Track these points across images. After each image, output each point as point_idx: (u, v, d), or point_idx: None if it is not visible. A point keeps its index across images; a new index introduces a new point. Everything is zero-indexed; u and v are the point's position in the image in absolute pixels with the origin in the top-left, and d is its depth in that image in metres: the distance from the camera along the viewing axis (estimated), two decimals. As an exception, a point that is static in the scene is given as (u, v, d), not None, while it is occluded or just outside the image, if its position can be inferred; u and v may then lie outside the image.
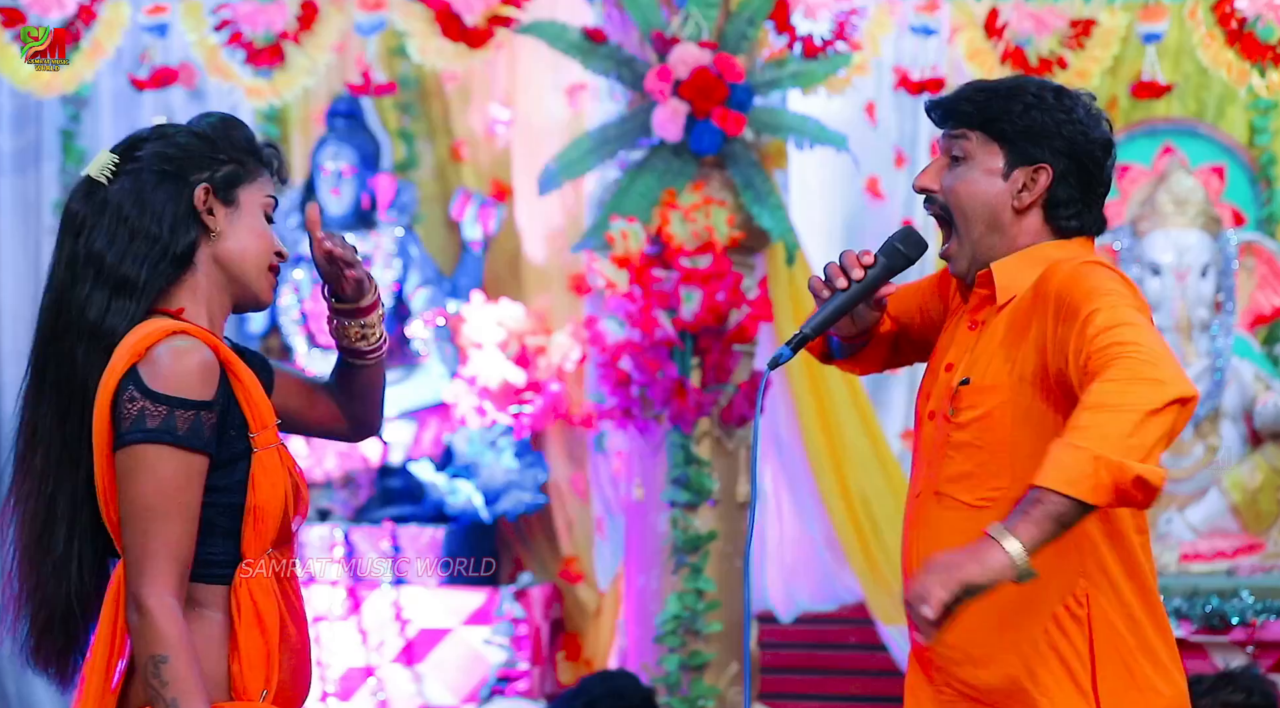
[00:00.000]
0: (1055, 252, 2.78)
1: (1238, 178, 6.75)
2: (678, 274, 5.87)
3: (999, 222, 2.80)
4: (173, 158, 2.64)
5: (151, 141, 2.66)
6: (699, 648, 5.91)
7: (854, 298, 2.84)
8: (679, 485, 5.95)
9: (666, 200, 5.92)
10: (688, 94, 5.88)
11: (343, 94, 6.93)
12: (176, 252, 2.62)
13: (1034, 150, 2.79)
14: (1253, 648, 5.83)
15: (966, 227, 2.82)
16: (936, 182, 2.84)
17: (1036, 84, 2.84)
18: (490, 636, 6.42)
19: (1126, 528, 2.74)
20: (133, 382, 2.53)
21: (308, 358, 6.83)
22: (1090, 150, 2.80)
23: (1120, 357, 2.49)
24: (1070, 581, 2.70)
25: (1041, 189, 2.79)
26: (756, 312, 5.93)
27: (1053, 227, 2.81)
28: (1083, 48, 6.19)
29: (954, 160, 2.83)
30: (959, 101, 2.84)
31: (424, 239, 7.00)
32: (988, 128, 2.81)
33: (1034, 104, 2.79)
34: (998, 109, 2.80)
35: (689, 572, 5.95)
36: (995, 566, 2.44)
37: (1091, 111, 2.83)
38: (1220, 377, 6.44)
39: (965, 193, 2.81)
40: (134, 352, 2.54)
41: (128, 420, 2.52)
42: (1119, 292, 2.62)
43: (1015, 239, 2.80)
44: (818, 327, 2.83)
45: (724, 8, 6.04)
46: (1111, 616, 2.71)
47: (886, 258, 2.85)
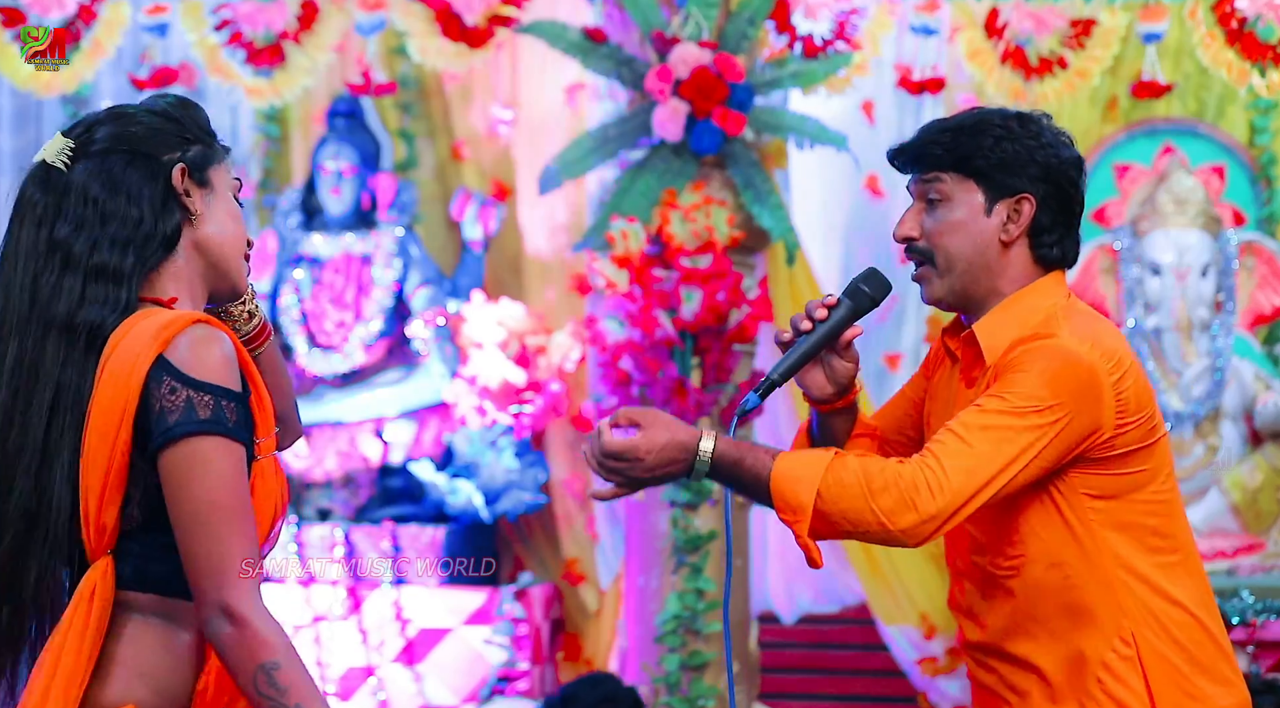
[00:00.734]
0: (1032, 299, 2.77)
1: (1238, 178, 6.75)
2: (678, 274, 5.87)
3: (984, 259, 2.78)
4: (141, 137, 2.44)
5: (109, 123, 2.45)
6: (699, 648, 5.91)
7: (820, 340, 2.81)
8: (679, 485, 5.95)
9: (667, 200, 5.92)
10: (688, 94, 5.88)
11: (343, 94, 6.93)
12: (165, 233, 2.42)
13: (1012, 181, 2.77)
14: (1253, 648, 5.83)
15: (949, 265, 2.80)
16: (917, 228, 2.81)
17: (999, 115, 2.81)
18: (490, 635, 6.42)
19: (1142, 563, 2.73)
20: (166, 371, 2.31)
21: (308, 357, 6.83)
22: (1065, 172, 2.79)
23: (917, 472, 2.60)
24: (1114, 624, 2.71)
25: (1027, 219, 2.77)
26: (757, 311, 5.93)
27: (1035, 256, 2.79)
28: (1083, 47, 6.19)
29: (931, 204, 2.80)
30: (927, 145, 2.81)
31: (424, 239, 7.00)
32: (961, 167, 2.78)
33: (1003, 136, 2.77)
34: (969, 146, 2.77)
35: (689, 572, 5.95)
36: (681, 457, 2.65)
37: (1055, 133, 2.82)
38: (1220, 376, 6.44)
39: (949, 235, 2.79)
40: (160, 339, 2.33)
41: (173, 412, 2.30)
42: (1027, 394, 2.64)
43: (1001, 272, 2.79)
44: (785, 372, 2.80)
45: (724, 7, 6.04)
46: (1160, 647, 2.71)
47: (851, 299, 2.82)
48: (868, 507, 2.59)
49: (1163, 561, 2.74)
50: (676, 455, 2.65)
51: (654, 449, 2.65)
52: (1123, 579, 2.71)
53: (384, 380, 6.89)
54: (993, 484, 2.61)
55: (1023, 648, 2.75)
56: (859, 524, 2.60)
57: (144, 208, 2.41)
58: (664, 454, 2.65)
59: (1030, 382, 2.65)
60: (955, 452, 2.61)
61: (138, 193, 2.42)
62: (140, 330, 2.35)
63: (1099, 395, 2.66)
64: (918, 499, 2.58)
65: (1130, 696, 2.71)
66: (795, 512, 2.60)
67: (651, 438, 2.65)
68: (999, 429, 2.62)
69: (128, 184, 2.42)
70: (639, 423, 2.66)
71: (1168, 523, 2.76)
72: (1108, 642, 2.71)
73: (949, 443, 2.62)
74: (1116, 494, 2.71)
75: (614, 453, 2.65)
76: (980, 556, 2.79)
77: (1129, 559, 2.72)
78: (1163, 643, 2.72)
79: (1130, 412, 2.69)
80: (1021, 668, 2.76)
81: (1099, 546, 2.70)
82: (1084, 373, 2.66)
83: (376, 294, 6.86)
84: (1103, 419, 2.66)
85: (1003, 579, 2.75)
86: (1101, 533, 2.70)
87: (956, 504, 2.59)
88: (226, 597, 2.29)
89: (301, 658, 2.33)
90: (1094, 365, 2.67)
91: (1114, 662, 2.71)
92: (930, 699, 6.58)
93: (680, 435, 2.65)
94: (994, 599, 2.78)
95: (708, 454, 2.64)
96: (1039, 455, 2.64)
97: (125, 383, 2.32)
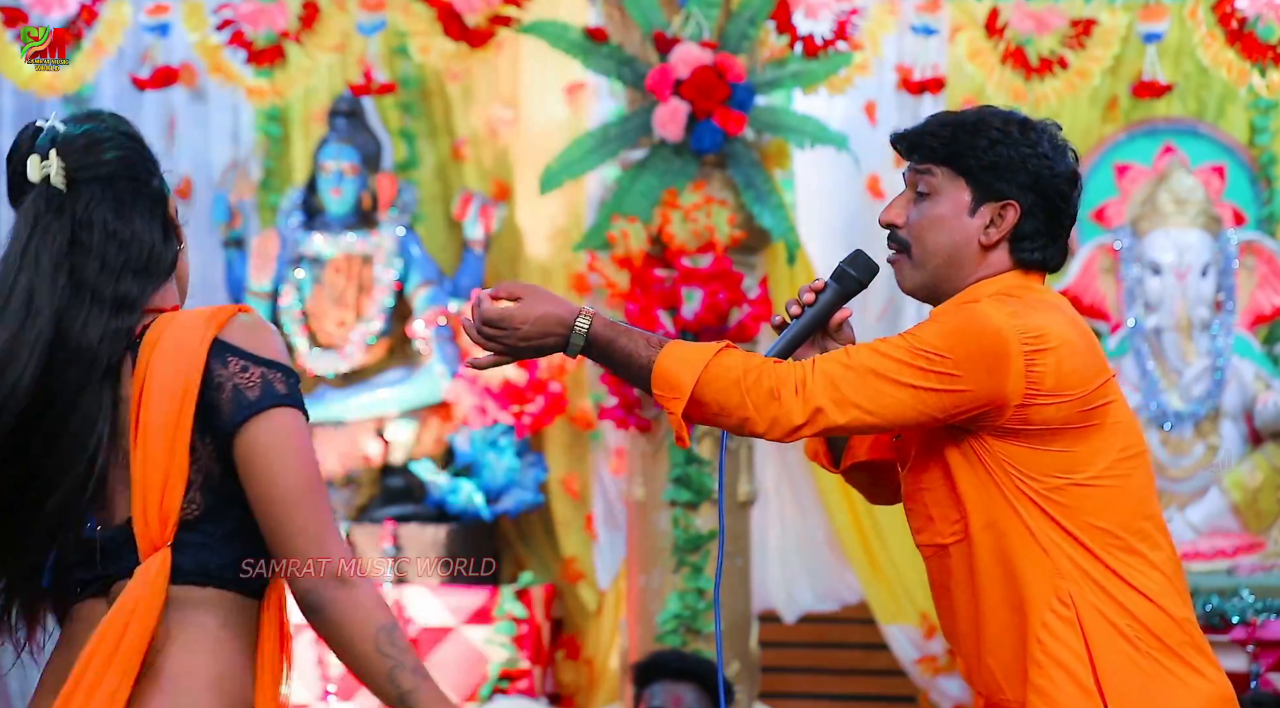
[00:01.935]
0: (988, 289, 2.79)
1: (1238, 177, 6.75)
2: (678, 274, 5.87)
3: (960, 257, 2.81)
4: (136, 163, 2.41)
5: (111, 142, 2.40)
6: (700, 647, 5.91)
7: (810, 324, 2.86)
8: (680, 485, 5.96)
9: (667, 200, 5.92)
10: (689, 94, 5.89)
11: (344, 94, 6.93)
12: (170, 260, 2.40)
13: (1000, 186, 2.78)
14: (1253, 648, 5.83)
15: (925, 258, 2.82)
16: (903, 216, 2.84)
17: (1002, 118, 2.83)
18: (491, 635, 6.43)
19: (1100, 543, 2.73)
20: (230, 352, 2.28)
21: (309, 357, 6.83)
22: (1056, 185, 2.80)
23: (795, 371, 2.68)
24: (1050, 584, 2.72)
25: (1009, 226, 2.79)
26: (757, 311, 5.93)
27: (1015, 260, 2.81)
28: (1083, 48, 6.19)
29: (920, 195, 2.83)
30: (925, 135, 2.83)
31: (425, 239, 7.00)
32: (953, 163, 2.80)
33: (999, 139, 2.79)
34: (964, 144, 2.80)
35: (690, 571, 5.95)
36: (557, 331, 2.72)
37: (1057, 144, 2.82)
38: (1220, 376, 6.44)
39: (930, 230, 2.81)
40: (214, 323, 2.30)
41: (251, 388, 2.27)
42: (922, 340, 2.68)
43: (975, 271, 2.81)
44: (778, 355, 2.83)
45: (725, 7, 6.04)
46: (1106, 611, 2.71)
47: (838, 282, 2.87)
48: (740, 396, 2.67)
49: (1117, 556, 2.73)
50: (553, 328, 2.73)
51: (530, 319, 2.73)
52: (1057, 543, 2.72)
53: (385, 380, 6.89)
54: (854, 408, 2.67)
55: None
56: (728, 409, 2.68)
57: (155, 237, 2.39)
58: (540, 325, 2.73)
59: (932, 332, 2.70)
60: (833, 365, 2.69)
61: (148, 222, 2.39)
62: (184, 321, 2.32)
63: (1002, 364, 2.68)
64: (783, 391, 2.66)
65: (1070, 655, 2.70)
66: (674, 390, 2.68)
67: (528, 309, 2.73)
68: (884, 360, 2.68)
69: (137, 212, 2.38)
70: (519, 296, 2.74)
71: (1115, 511, 2.74)
72: (1046, 602, 2.71)
73: (835, 357, 2.71)
74: (1044, 472, 2.72)
75: (490, 320, 2.73)
76: (928, 533, 2.83)
77: (1071, 552, 2.72)
78: (1109, 610, 2.71)
79: (1045, 388, 2.69)
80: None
81: (1030, 511, 2.72)
82: (989, 338, 2.69)
83: (377, 294, 6.86)
84: (1006, 389, 2.68)
85: (949, 548, 2.79)
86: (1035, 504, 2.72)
87: (812, 407, 2.66)
88: (338, 562, 2.27)
89: None
90: (1003, 333, 2.68)
91: (1052, 621, 2.71)
92: (930, 699, 6.58)
93: (559, 310, 2.74)
94: (949, 576, 2.82)
95: (584, 329, 2.72)
96: (917, 404, 2.68)
97: (184, 368, 2.27)
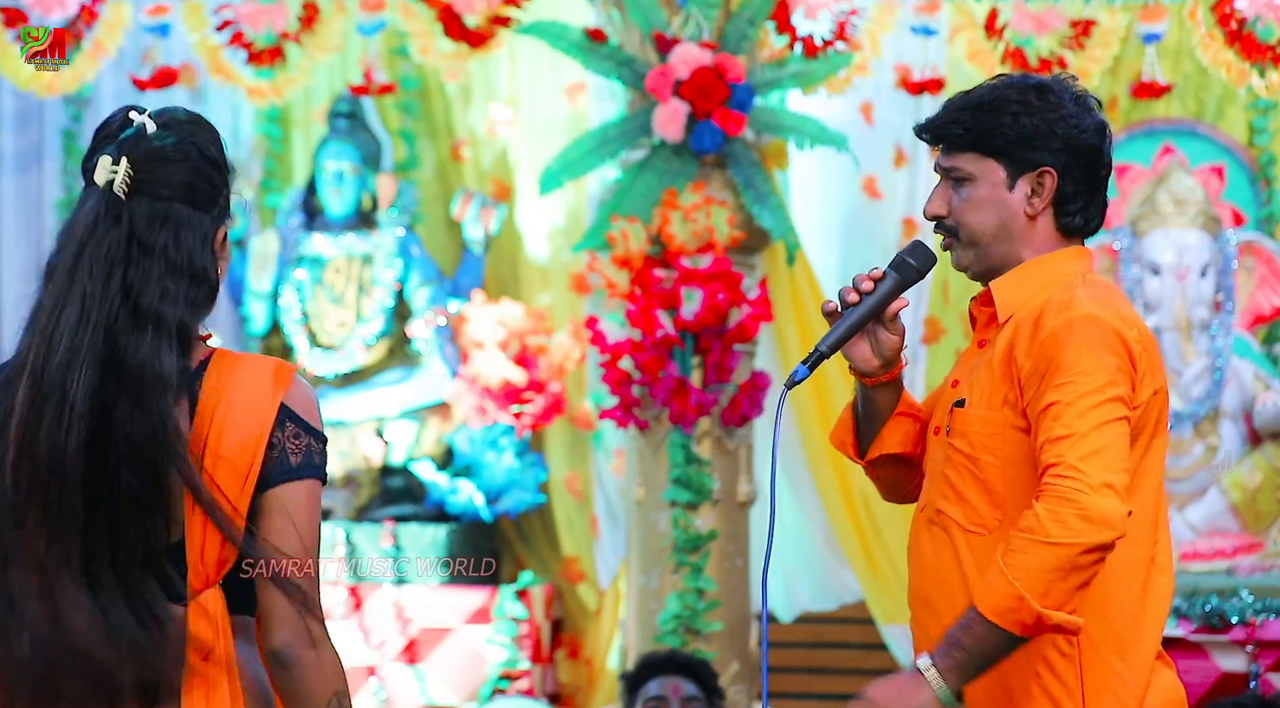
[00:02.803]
0: (1052, 267, 2.80)
1: (1237, 178, 6.75)
2: (678, 274, 5.87)
3: (1009, 231, 2.82)
4: (202, 190, 2.42)
5: (183, 163, 2.41)
6: (700, 647, 5.91)
7: (867, 312, 2.84)
8: (680, 485, 5.96)
9: (667, 200, 5.92)
10: (688, 94, 5.89)
11: (344, 94, 6.94)
12: (216, 289, 2.44)
13: (1033, 156, 2.79)
14: (1252, 648, 5.84)
15: (975, 240, 2.83)
16: (945, 206, 2.85)
17: (1018, 88, 2.83)
18: (491, 635, 6.43)
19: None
20: (289, 417, 2.39)
21: (309, 357, 6.84)
22: (1086, 140, 2.81)
23: (1057, 487, 2.59)
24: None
25: (1050, 192, 2.80)
26: (757, 311, 5.94)
27: (1059, 225, 2.83)
28: (1083, 48, 6.19)
29: (957, 182, 2.84)
30: (947, 125, 2.84)
31: (425, 239, 7.01)
32: (981, 146, 2.81)
33: (1021, 111, 2.79)
34: (987, 125, 2.80)
35: (689, 571, 5.95)
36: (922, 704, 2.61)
37: (1078, 98, 2.84)
38: (1220, 376, 6.44)
39: (973, 212, 2.82)
40: (281, 385, 2.40)
41: (296, 455, 2.39)
42: (1090, 371, 2.64)
43: (1027, 242, 2.82)
44: (833, 344, 2.82)
45: (724, 8, 6.04)
46: (1100, 645, 2.72)
47: (896, 271, 2.85)
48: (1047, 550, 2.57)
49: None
50: (907, 691, 2.66)
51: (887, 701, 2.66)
52: None
53: (385, 380, 6.90)
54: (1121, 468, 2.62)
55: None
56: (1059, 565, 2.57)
57: (208, 263, 2.42)
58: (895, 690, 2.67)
59: (1076, 345, 2.67)
60: (1062, 455, 2.62)
61: (198, 250, 2.41)
62: (251, 372, 2.41)
63: (1129, 363, 2.70)
64: (1066, 513, 2.58)
65: (1063, 693, 2.71)
66: (1018, 603, 2.57)
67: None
68: (1092, 414, 2.63)
69: (193, 238, 2.40)
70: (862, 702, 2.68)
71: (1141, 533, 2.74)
72: (1051, 640, 2.71)
73: (1056, 453, 2.62)
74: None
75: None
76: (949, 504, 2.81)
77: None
78: (1102, 642, 2.72)
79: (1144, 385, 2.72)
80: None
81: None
82: (1114, 339, 2.69)
83: (377, 294, 6.87)
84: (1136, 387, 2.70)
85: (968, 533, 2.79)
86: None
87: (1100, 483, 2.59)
88: (315, 623, 2.37)
89: None
90: (1121, 333, 2.70)
91: (1054, 658, 2.73)
92: (930, 699, 6.57)
93: (899, 680, 2.68)
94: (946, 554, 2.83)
95: (942, 684, 2.63)
96: (1126, 428, 2.66)
97: (256, 425, 2.38)
